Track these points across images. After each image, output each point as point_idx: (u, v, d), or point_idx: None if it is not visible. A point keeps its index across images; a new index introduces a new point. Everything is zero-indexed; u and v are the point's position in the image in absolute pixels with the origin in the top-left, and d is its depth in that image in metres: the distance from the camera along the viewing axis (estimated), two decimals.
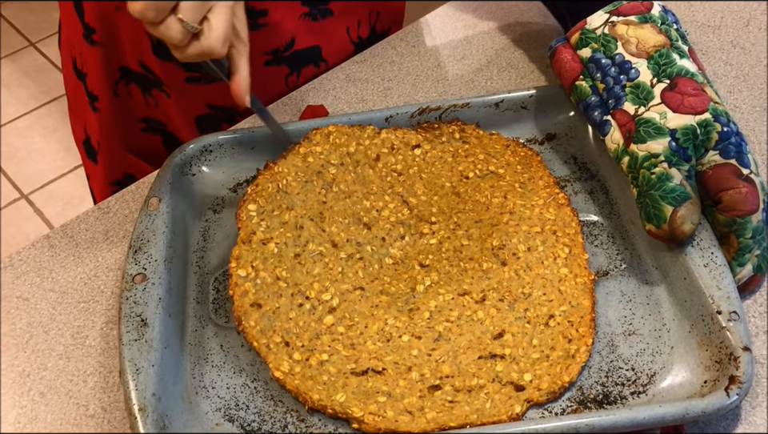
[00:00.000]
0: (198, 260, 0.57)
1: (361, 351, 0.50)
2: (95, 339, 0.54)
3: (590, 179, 0.60)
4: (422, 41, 0.74)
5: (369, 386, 0.49)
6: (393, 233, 0.56)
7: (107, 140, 0.76)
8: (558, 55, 0.59)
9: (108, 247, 0.59)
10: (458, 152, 0.61)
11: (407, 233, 0.56)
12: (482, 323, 0.51)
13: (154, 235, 0.54)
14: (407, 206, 0.58)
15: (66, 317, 0.55)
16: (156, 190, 0.57)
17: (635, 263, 0.55)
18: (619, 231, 0.57)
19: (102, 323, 0.55)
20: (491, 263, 0.54)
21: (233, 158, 0.62)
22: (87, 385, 0.51)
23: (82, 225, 0.61)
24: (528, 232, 0.56)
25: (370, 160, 0.59)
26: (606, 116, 0.55)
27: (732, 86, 0.66)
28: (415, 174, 0.60)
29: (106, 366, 0.52)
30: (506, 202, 0.58)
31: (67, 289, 0.57)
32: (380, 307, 0.52)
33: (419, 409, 0.47)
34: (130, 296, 0.51)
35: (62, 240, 0.60)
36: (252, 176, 0.62)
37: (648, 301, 0.52)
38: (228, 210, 0.60)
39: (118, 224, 0.61)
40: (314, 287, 0.53)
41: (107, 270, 0.58)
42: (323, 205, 0.56)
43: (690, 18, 0.73)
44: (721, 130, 0.52)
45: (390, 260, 0.55)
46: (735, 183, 0.51)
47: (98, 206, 0.62)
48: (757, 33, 0.70)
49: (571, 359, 0.49)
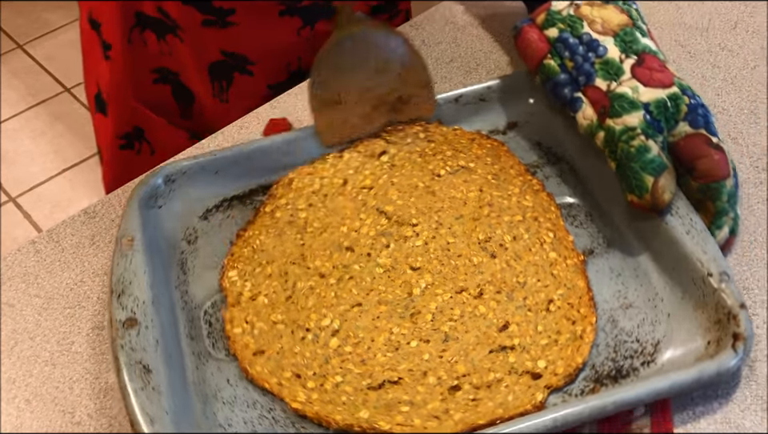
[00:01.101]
0: (182, 295, 0.55)
1: (373, 366, 0.50)
2: (81, 345, 0.53)
3: (557, 163, 0.61)
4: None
5: (389, 398, 0.48)
6: (376, 245, 0.56)
7: (117, 90, 0.76)
8: (524, 35, 0.60)
9: (94, 251, 0.58)
10: (425, 151, 0.61)
11: (390, 241, 0.56)
12: (485, 317, 0.52)
13: (135, 275, 0.52)
14: (385, 216, 0.57)
15: (51, 323, 0.54)
16: (126, 228, 0.55)
17: (617, 238, 0.56)
18: (596, 209, 0.58)
19: (88, 329, 0.54)
20: (481, 257, 0.55)
21: (197, 185, 0.60)
22: (73, 392, 0.51)
23: (68, 230, 0.60)
24: (510, 222, 0.56)
25: (337, 188, 0.59)
26: (576, 93, 0.56)
27: (720, 89, 0.67)
28: (386, 182, 0.59)
29: (92, 372, 0.52)
30: (482, 195, 0.58)
31: (53, 295, 0.56)
32: (381, 318, 0.52)
33: (444, 412, 0.47)
34: (125, 344, 0.48)
35: (47, 245, 0.59)
36: (220, 201, 0.60)
37: (637, 274, 0.54)
38: (202, 239, 0.58)
39: (104, 229, 0.60)
40: (312, 318, 0.52)
41: (93, 275, 0.57)
42: (302, 247, 0.56)
43: (678, 20, 0.73)
44: (689, 103, 0.54)
45: (381, 269, 0.55)
46: (707, 151, 0.53)
47: (85, 210, 0.61)
48: (744, 35, 0.71)
49: (579, 339, 0.50)
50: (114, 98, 0.76)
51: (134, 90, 0.76)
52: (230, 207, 0.60)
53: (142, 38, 0.73)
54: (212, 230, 0.58)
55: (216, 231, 0.58)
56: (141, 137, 0.80)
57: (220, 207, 0.60)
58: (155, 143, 0.80)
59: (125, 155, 0.80)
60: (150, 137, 0.80)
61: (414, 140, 0.62)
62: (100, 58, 0.76)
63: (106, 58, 0.74)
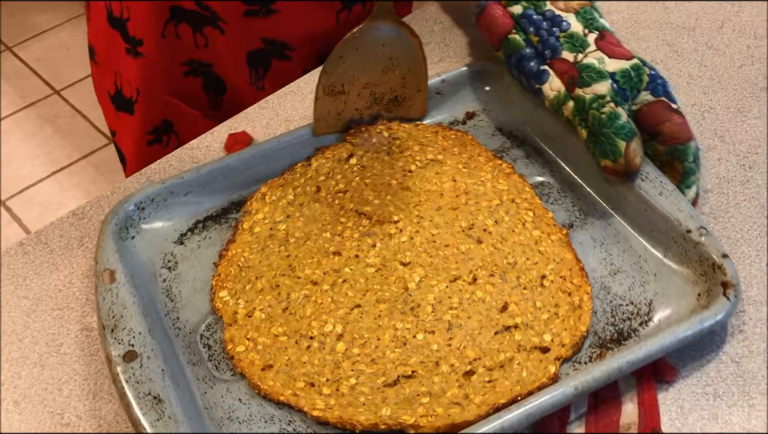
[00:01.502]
0: (173, 322, 0.53)
1: (384, 363, 0.50)
2: (70, 346, 0.53)
3: (521, 145, 0.63)
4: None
5: (407, 392, 0.48)
6: (363, 246, 0.56)
7: (149, 84, 0.76)
8: (489, 11, 0.61)
9: (83, 253, 0.58)
10: (391, 149, 0.62)
11: (376, 240, 0.56)
12: (484, 301, 0.52)
13: (125, 308, 0.50)
14: (365, 217, 0.57)
15: (40, 325, 0.54)
16: (104, 261, 0.53)
17: (592, 210, 0.58)
18: (567, 185, 0.60)
19: (77, 330, 0.54)
20: (468, 244, 0.55)
21: (168, 210, 0.58)
22: (62, 393, 0.51)
23: (57, 231, 0.60)
24: (489, 207, 0.57)
25: (312, 195, 0.59)
26: (542, 66, 0.59)
27: (707, 87, 0.68)
28: (359, 184, 0.59)
29: (81, 374, 0.51)
30: (456, 184, 0.59)
31: (41, 296, 0.56)
32: (383, 316, 0.52)
33: (464, 397, 0.48)
34: (130, 378, 0.47)
35: (36, 247, 0.59)
36: (194, 223, 0.59)
37: (618, 240, 0.56)
38: (183, 264, 0.56)
39: (93, 230, 0.59)
40: (314, 326, 0.51)
41: (82, 276, 0.56)
42: (288, 258, 0.55)
43: (665, 19, 0.74)
44: (650, 73, 0.57)
45: (372, 269, 0.55)
46: (670, 116, 0.56)
47: (73, 212, 0.61)
48: (731, 34, 0.73)
49: (579, 309, 0.52)
50: (144, 93, 0.76)
51: (165, 83, 0.77)
52: (205, 228, 0.59)
53: (175, 31, 0.74)
54: (191, 253, 0.57)
55: (195, 253, 0.57)
56: (169, 130, 0.80)
57: (195, 230, 0.58)
58: (183, 136, 0.79)
59: (153, 150, 0.80)
60: (178, 129, 0.80)
61: (378, 140, 0.62)
62: (122, 56, 0.76)
63: (134, 55, 0.75)
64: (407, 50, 0.62)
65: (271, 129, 0.66)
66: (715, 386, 0.49)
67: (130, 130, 0.80)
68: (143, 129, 0.78)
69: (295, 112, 0.67)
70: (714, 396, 0.48)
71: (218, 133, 0.66)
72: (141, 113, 0.78)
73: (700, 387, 0.49)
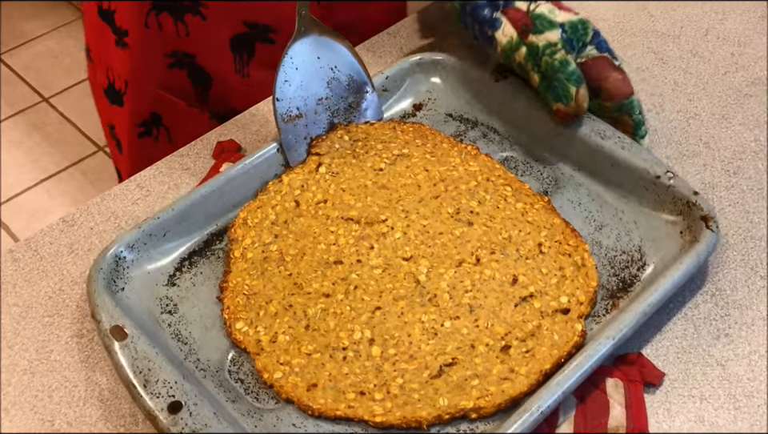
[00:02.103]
0: (195, 364, 0.51)
1: (423, 357, 0.50)
2: (60, 353, 0.53)
3: (474, 127, 0.65)
4: (388, 51, 0.74)
5: (455, 379, 0.49)
6: (361, 250, 0.56)
7: (136, 76, 0.77)
8: None
9: (73, 260, 0.58)
10: (356, 152, 0.62)
11: (372, 241, 0.57)
12: (494, 278, 0.54)
13: (150, 360, 0.48)
14: (353, 221, 0.58)
15: (30, 332, 0.54)
16: (109, 319, 0.50)
17: (560, 175, 0.61)
18: (530, 156, 0.63)
19: (67, 337, 0.54)
20: (460, 228, 0.57)
21: (150, 253, 0.56)
22: (52, 400, 0.51)
23: (47, 238, 0.60)
24: (468, 189, 0.59)
25: (293, 211, 0.59)
26: (495, 13, 0.61)
27: (692, 94, 0.69)
28: (337, 191, 0.60)
29: (71, 380, 0.52)
30: (430, 174, 0.61)
31: (31, 303, 0.56)
32: (406, 313, 0.53)
33: (510, 371, 0.49)
34: (184, 428, 0.45)
35: (25, 254, 0.59)
36: (179, 262, 0.57)
37: (592, 198, 0.60)
38: (183, 305, 0.54)
39: (83, 237, 0.60)
40: (342, 337, 0.51)
41: (72, 283, 0.57)
42: (291, 277, 0.55)
43: (650, 27, 0.75)
44: (594, 28, 0.60)
45: (378, 270, 0.55)
46: (612, 72, 0.59)
47: (63, 219, 0.61)
48: (715, 42, 0.74)
49: (583, 267, 0.55)
50: (132, 84, 0.78)
51: (151, 75, 0.77)
52: (192, 265, 0.57)
53: (157, 21, 0.74)
54: (187, 293, 0.55)
55: (192, 292, 0.55)
56: (159, 123, 0.82)
57: (182, 269, 0.56)
58: (173, 129, 0.82)
59: (143, 143, 0.82)
60: (167, 123, 0.81)
61: (341, 144, 0.62)
62: (112, 48, 0.77)
63: (122, 46, 0.76)
64: (341, 56, 0.63)
65: (260, 135, 0.66)
66: (701, 389, 0.50)
67: (121, 123, 0.82)
68: (132, 121, 0.80)
69: None
70: (700, 399, 0.49)
71: (208, 139, 0.66)
72: (129, 105, 0.79)
73: (687, 390, 0.50)
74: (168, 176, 0.64)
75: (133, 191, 0.63)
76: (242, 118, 0.68)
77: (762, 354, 0.51)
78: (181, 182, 0.63)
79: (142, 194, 0.63)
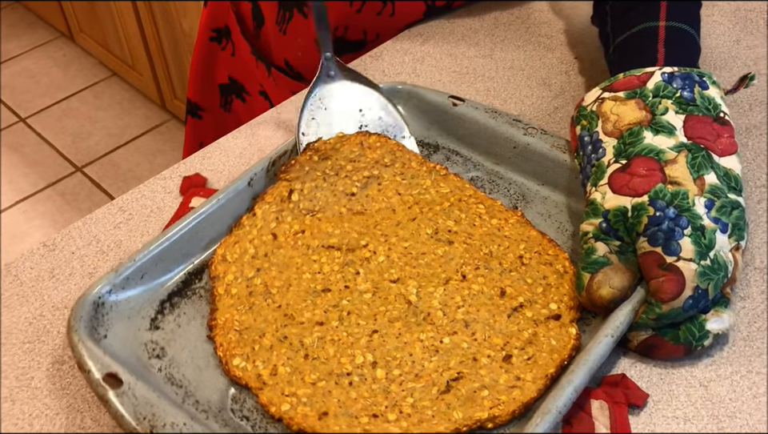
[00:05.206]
0: (195, 406, 0.49)
1: (429, 374, 0.50)
2: (41, 380, 0.52)
3: (436, 151, 0.67)
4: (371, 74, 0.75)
5: (464, 392, 0.49)
6: (347, 276, 0.56)
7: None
8: (570, 130, 0.62)
9: (54, 285, 0.57)
10: (326, 173, 0.62)
11: (356, 267, 0.56)
12: (483, 292, 0.55)
13: (152, 405, 0.46)
14: (334, 249, 0.57)
15: (10, 358, 0.53)
16: (99, 368, 0.48)
17: (526, 190, 0.63)
18: (493, 175, 0.65)
19: (48, 363, 0.53)
20: (442, 247, 0.58)
21: (128, 298, 0.54)
22: (33, 428, 0.50)
23: (27, 263, 0.59)
24: (443, 209, 0.60)
25: (272, 244, 0.58)
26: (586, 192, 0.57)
27: None
28: (313, 221, 0.59)
29: (52, 408, 0.50)
30: (403, 198, 0.61)
31: (11, 329, 0.55)
32: (403, 333, 0.53)
33: (517, 379, 0.50)
34: None
35: (5, 279, 0.58)
36: (159, 306, 0.55)
37: (560, 209, 0.62)
38: (170, 348, 0.52)
39: (64, 262, 0.59)
40: (344, 362, 0.51)
41: (53, 309, 0.56)
42: (280, 309, 0.54)
43: None
44: (652, 215, 0.51)
45: (368, 295, 0.55)
46: (656, 274, 0.50)
47: (44, 243, 0.60)
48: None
49: (566, 274, 0.56)
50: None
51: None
52: (174, 306, 0.55)
53: None
54: (173, 335, 0.53)
55: (178, 334, 0.53)
56: (228, 36, 0.93)
57: (164, 311, 0.54)
58: (237, 46, 0.92)
59: (212, 47, 0.94)
60: (234, 39, 0.92)
61: (311, 166, 0.62)
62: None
63: None
64: (373, 101, 0.66)
65: (226, 168, 0.65)
66: (685, 410, 0.50)
67: (201, 22, 0.94)
68: (208, 25, 0.93)
69: (268, 141, 0.68)
70: (684, 420, 0.49)
71: (170, 178, 0.65)
72: (209, 9, 0.92)
73: (670, 411, 0.50)
74: (150, 199, 0.63)
75: (115, 215, 0.62)
76: (207, 152, 0.67)
77: (743, 374, 0.51)
78: (164, 205, 0.63)
79: (125, 217, 0.62)
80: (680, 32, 0.61)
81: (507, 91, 0.74)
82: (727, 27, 0.81)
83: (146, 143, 2.23)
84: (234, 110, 0.97)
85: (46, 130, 2.15)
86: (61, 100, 2.32)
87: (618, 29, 0.65)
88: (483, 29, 0.82)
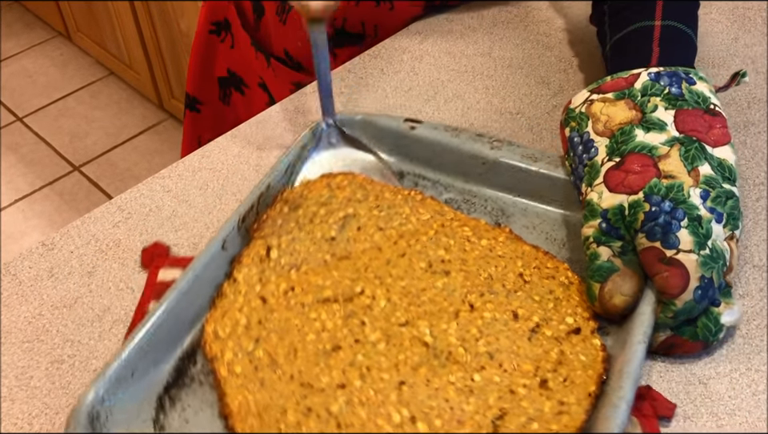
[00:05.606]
0: None
1: (471, 417, 0.48)
2: (40, 379, 0.52)
3: (402, 178, 0.64)
4: (369, 72, 0.74)
5: (514, 427, 0.47)
6: (354, 329, 0.52)
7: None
8: (560, 132, 0.60)
9: (53, 284, 0.57)
10: (300, 223, 0.58)
11: (360, 317, 0.53)
12: (496, 319, 0.53)
13: None
14: (331, 302, 0.54)
15: (9, 358, 0.53)
16: None
17: (504, 205, 0.62)
18: (468, 193, 0.63)
19: (47, 363, 0.53)
20: (440, 280, 0.55)
21: (123, 401, 0.48)
22: (33, 427, 0.49)
23: (26, 262, 0.59)
24: (430, 239, 0.58)
25: (263, 309, 0.53)
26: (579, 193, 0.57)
27: None
28: (299, 277, 0.55)
29: (51, 407, 0.50)
30: (385, 232, 0.58)
31: (10, 329, 0.55)
32: (431, 379, 0.50)
33: (561, 404, 0.48)
34: None
35: (4, 279, 0.58)
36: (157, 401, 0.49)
37: (543, 220, 0.61)
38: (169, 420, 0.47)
39: (63, 261, 0.59)
40: (381, 424, 0.47)
41: (52, 308, 0.56)
42: (293, 379, 0.50)
43: None
44: (648, 211, 0.50)
45: (382, 345, 0.51)
46: (658, 269, 0.50)
47: (42, 243, 0.60)
48: None
49: (571, 285, 0.55)
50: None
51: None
52: (174, 401, 0.49)
53: None
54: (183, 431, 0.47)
55: (188, 429, 0.48)
56: (228, 29, 0.90)
57: (164, 408, 0.49)
58: (236, 38, 0.90)
59: (211, 39, 0.91)
60: (234, 31, 0.90)
61: (283, 219, 0.58)
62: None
63: None
64: (369, 171, 0.63)
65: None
66: (684, 407, 0.50)
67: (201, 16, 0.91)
68: (208, 18, 0.90)
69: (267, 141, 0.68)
70: (683, 417, 0.49)
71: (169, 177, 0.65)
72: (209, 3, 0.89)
73: None
74: (149, 198, 0.63)
75: (113, 214, 0.62)
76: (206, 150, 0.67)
77: (743, 372, 0.52)
78: (162, 204, 0.63)
79: (123, 216, 0.62)
80: (676, 31, 0.61)
81: (506, 89, 0.74)
82: (725, 25, 0.82)
83: (143, 143, 2.23)
84: (232, 104, 0.94)
85: (43, 129, 2.16)
86: (58, 99, 2.34)
87: (614, 27, 0.65)
88: (482, 27, 0.82)
